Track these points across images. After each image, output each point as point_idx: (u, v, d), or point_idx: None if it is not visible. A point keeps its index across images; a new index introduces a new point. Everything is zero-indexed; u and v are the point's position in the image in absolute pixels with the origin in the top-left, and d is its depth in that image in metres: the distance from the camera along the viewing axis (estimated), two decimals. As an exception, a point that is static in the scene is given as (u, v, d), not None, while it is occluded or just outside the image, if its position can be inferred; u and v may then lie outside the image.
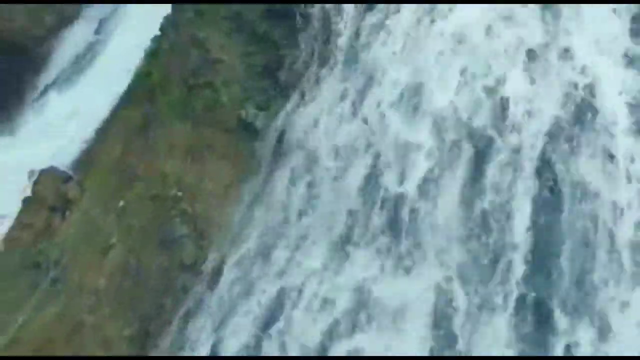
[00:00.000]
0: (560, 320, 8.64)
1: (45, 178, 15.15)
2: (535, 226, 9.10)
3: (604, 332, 8.46)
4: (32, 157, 16.26)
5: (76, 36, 20.45)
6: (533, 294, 8.83)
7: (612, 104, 9.49)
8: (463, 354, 8.65)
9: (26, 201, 15.21)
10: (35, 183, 15.23)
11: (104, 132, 15.67)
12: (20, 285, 14.59)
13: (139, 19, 18.60)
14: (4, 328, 14.04)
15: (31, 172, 15.64)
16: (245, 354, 10.69)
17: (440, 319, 9.10)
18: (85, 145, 15.99)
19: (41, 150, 16.59)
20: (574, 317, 8.62)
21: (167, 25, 15.51)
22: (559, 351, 8.45)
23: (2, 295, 14.64)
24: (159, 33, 15.70)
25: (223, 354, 11.11)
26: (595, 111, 9.62)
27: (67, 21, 21.35)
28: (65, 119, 17.44)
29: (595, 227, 8.92)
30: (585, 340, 8.48)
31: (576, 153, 9.12)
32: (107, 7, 20.62)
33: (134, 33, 18.39)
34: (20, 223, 15.04)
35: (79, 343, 13.16)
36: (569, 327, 8.66)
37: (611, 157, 9.03)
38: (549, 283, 8.72)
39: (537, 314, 8.72)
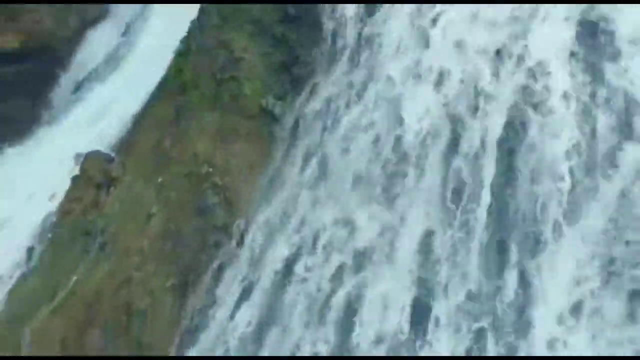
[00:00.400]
0: (514, 254, 11.59)
1: (92, 159, 17.33)
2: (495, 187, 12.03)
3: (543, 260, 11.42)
4: (76, 144, 18.88)
5: (103, 37, 22.71)
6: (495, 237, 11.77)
7: (560, 90, 12.42)
8: (444, 279, 11.57)
9: (75, 179, 17.26)
10: (83, 163, 17.32)
11: (140, 121, 18.08)
12: (74, 251, 16.78)
13: (164, 21, 20.91)
14: (62, 286, 16.85)
15: (77, 155, 17.69)
16: (270, 296, 13.61)
17: (426, 254, 12.05)
18: (123, 132, 18.80)
19: (83, 137, 19.36)
20: (522, 253, 11.57)
21: (194, 28, 18.15)
22: (514, 277, 11.37)
23: (58, 259, 17.24)
24: (185, 35, 18.65)
25: (252, 299, 13.98)
26: (548, 96, 12.55)
27: (91, 23, 23.92)
28: (102, 110, 20.24)
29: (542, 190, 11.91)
30: (531, 268, 11.45)
31: (527, 128, 12.04)
32: (132, 10, 23.27)
33: (160, 35, 20.48)
34: (70, 198, 17.09)
35: (126, 295, 15.74)
36: (519, 259, 11.60)
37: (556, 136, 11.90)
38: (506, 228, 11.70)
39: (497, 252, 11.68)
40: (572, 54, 12.81)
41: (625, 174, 11.39)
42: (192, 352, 14.08)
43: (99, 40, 22.54)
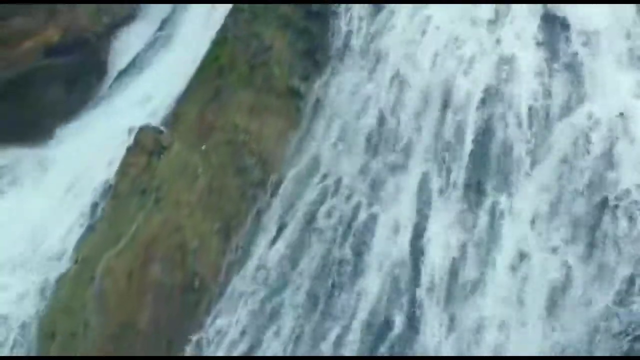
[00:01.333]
0: (488, 190, 16.53)
1: (144, 131, 20.18)
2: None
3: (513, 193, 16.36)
4: (127, 121, 21.72)
5: (140, 31, 25.96)
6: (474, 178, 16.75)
7: (526, 70, 17.38)
8: (437, 210, 16.45)
9: (130, 148, 19.94)
10: (137, 135, 20.31)
11: (183, 100, 21.66)
12: (131, 206, 19.99)
13: (199, 17, 24.35)
14: (124, 233, 21.14)
15: (131, 129, 20.52)
16: (301, 229, 18.45)
17: (423, 192, 17.02)
18: (169, 110, 23.29)
19: (133, 115, 22.36)
20: (496, 188, 16.55)
21: (228, 22, 22.91)
22: (487, 208, 16.33)
23: (119, 212, 21.01)
24: (221, 27, 23.10)
25: (286, 234, 18.75)
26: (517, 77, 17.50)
27: (125, 20, 26.96)
28: (148, 92, 23.57)
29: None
30: (503, 199, 16.41)
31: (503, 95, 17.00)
32: (166, 8, 26.27)
33: (196, 30, 24.05)
34: (127, 163, 20.04)
35: (179, 238, 19.06)
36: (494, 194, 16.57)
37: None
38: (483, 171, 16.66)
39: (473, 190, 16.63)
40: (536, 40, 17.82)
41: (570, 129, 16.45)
42: (237, 278, 18.78)
43: (135, 34, 26.01)
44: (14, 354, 19.47)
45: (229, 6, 21.37)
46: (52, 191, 21.94)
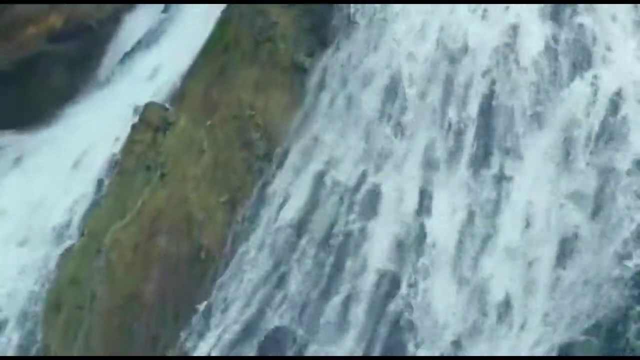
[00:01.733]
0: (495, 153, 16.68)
1: (150, 108, 20.72)
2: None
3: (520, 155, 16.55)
4: (133, 100, 21.94)
5: (143, 15, 26.05)
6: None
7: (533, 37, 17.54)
8: (443, 176, 16.61)
9: (135, 125, 20.52)
10: (143, 112, 20.66)
11: (189, 77, 21.77)
12: (137, 181, 20.31)
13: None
14: (130, 207, 21.20)
15: (136, 107, 21.18)
16: (308, 198, 18.53)
17: (428, 161, 17.17)
18: (175, 88, 23.40)
19: (139, 94, 22.45)
20: (503, 154, 16.71)
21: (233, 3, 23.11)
22: (494, 170, 16.44)
23: (124, 188, 20.87)
24: (226, 7, 23.14)
25: (291, 203, 18.86)
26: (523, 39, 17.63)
27: (128, 7, 26.76)
28: (154, 71, 24.35)
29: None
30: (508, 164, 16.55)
31: (508, 62, 17.14)
32: None
33: (200, 11, 23.89)
34: (132, 140, 20.52)
35: (186, 210, 19.33)
36: (501, 161, 16.74)
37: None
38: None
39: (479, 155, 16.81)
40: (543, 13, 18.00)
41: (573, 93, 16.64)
42: (243, 247, 18.88)
43: (139, 19, 26.13)
44: (21, 327, 19.46)
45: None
46: (56, 168, 22.01)
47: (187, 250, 19.18)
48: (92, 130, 22.71)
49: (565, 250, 15.03)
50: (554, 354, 13.34)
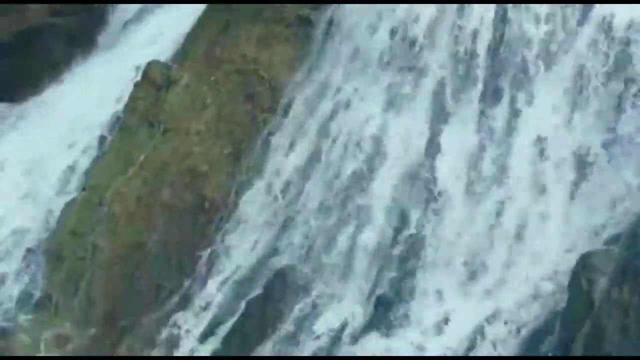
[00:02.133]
0: (506, 94, 16.48)
1: (153, 66, 20.61)
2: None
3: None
4: (136, 60, 22.14)
5: None
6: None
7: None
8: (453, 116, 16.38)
9: (138, 83, 20.47)
10: (146, 69, 20.78)
11: (191, 36, 22.13)
12: (140, 137, 20.40)
13: None
14: (133, 162, 21.05)
15: (137, 67, 21.11)
16: (314, 142, 18.29)
17: (437, 103, 16.98)
18: (178, 47, 23.32)
19: (142, 54, 23.34)
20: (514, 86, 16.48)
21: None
22: (505, 105, 16.28)
23: (127, 144, 20.96)
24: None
25: (297, 149, 18.61)
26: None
27: None
28: (156, 33, 24.35)
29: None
30: (521, 99, 16.35)
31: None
32: None
33: None
34: (134, 97, 20.54)
35: (189, 163, 19.39)
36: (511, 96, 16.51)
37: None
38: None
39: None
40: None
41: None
42: (247, 196, 18.66)
43: None
44: (22, 280, 19.17)
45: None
46: (57, 126, 21.77)
47: (191, 202, 19.03)
48: (94, 89, 22.48)
49: (579, 179, 14.79)
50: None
